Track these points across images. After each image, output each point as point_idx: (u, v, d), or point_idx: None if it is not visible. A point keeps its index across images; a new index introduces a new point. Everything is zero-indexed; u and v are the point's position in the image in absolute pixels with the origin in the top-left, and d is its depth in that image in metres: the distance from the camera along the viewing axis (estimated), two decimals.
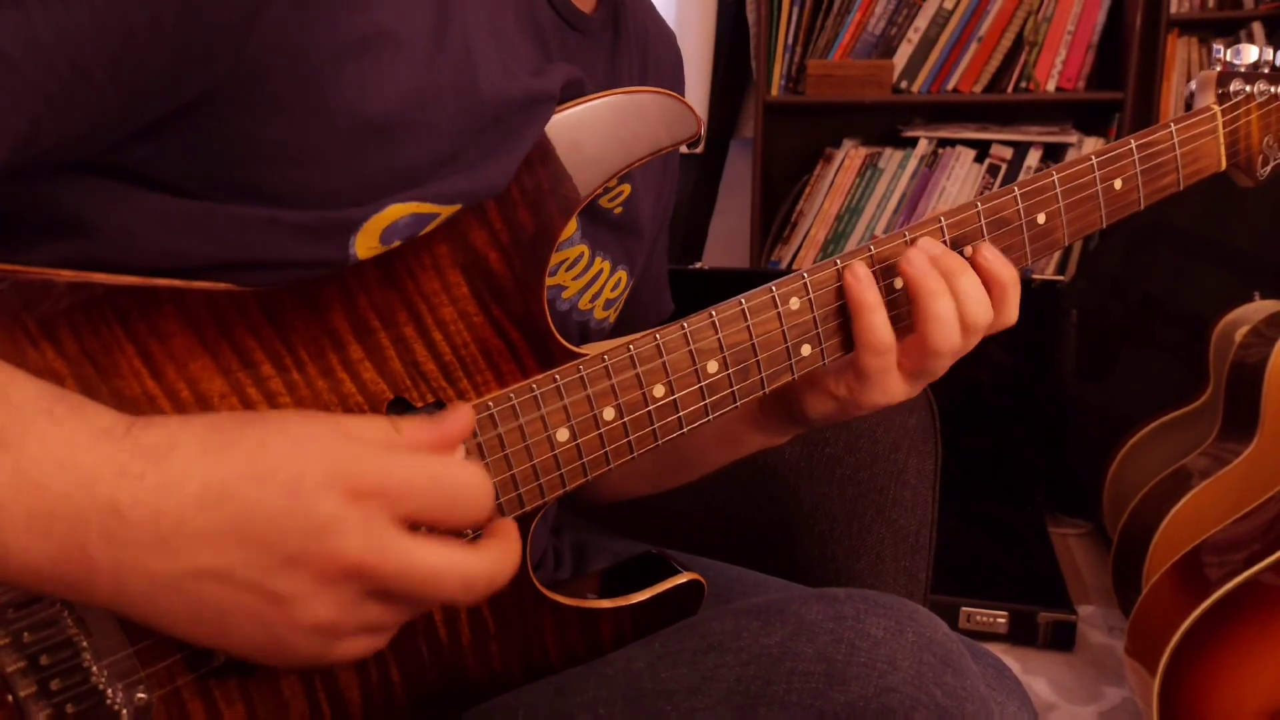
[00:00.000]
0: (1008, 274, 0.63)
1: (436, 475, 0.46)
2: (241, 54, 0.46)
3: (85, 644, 0.49)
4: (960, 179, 2.30)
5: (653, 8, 0.78)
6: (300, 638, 0.45)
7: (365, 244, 0.51)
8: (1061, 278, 2.01)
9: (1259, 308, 1.71)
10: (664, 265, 0.84)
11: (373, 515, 0.44)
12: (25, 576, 0.42)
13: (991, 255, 0.63)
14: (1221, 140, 0.72)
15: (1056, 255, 2.25)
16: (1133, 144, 0.68)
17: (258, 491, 0.43)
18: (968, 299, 0.61)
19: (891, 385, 0.63)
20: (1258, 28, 2.07)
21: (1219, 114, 0.72)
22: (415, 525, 0.45)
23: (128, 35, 0.44)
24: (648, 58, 0.75)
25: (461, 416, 0.49)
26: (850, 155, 2.35)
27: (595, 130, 0.55)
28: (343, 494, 0.43)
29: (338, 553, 0.43)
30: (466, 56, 0.52)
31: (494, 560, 0.48)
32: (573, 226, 0.64)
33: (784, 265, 2.40)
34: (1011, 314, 0.64)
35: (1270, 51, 0.73)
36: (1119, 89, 2.14)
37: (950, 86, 2.26)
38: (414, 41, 0.50)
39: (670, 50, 0.80)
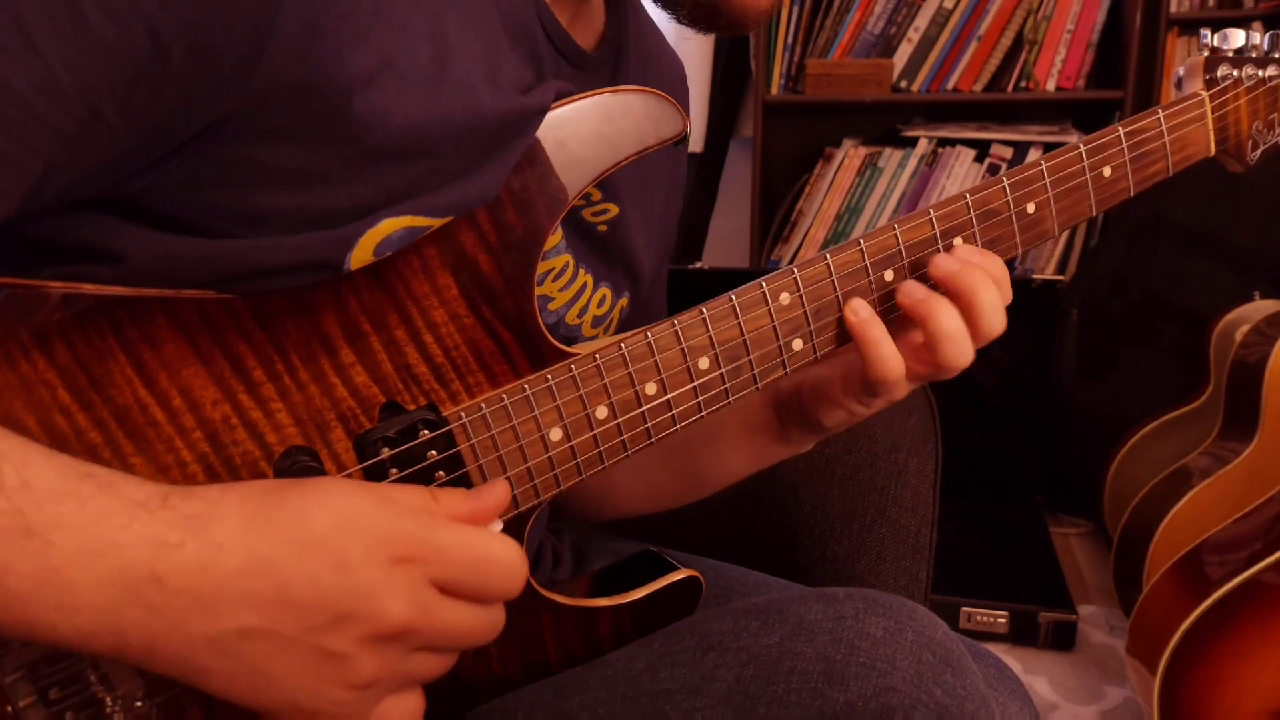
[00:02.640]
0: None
1: (476, 548, 0.48)
2: (250, 86, 0.46)
3: None
4: (960, 178, 2.29)
5: (659, 35, 0.78)
6: (343, 694, 0.45)
7: (359, 258, 0.51)
8: (1061, 277, 2.01)
9: (1259, 307, 1.71)
10: (662, 300, 0.84)
11: (415, 578, 0.46)
12: (54, 645, 0.42)
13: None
14: (1210, 126, 0.72)
15: (1056, 254, 2.25)
16: (1120, 131, 0.67)
17: (302, 563, 0.44)
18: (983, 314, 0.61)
19: (900, 393, 0.63)
20: (1257, 27, 2.07)
21: (1207, 100, 0.71)
22: (449, 592, 0.47)
23: (137, 72, 0.44)
24: None
25: (499, 491, 0.52)
26: (850, 155, 2.35)
27: (581, 129, 0.55)
28: (386, 560, 0.45)
29: (385, 614, 0.45)
30: (468, 85, 0.52)
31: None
32: (558, 236, 0.64)
33: (784, 265, 2.39)
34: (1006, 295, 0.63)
35: (1257, 36, 0.73)
36: (1119, 88, 2.14)
37: (950, 86, 2.26)
38: (415, 73, 0.50)
39: (674, 79, 0.80)
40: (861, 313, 0.60)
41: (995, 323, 0.61)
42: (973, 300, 0.60)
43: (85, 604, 0.41)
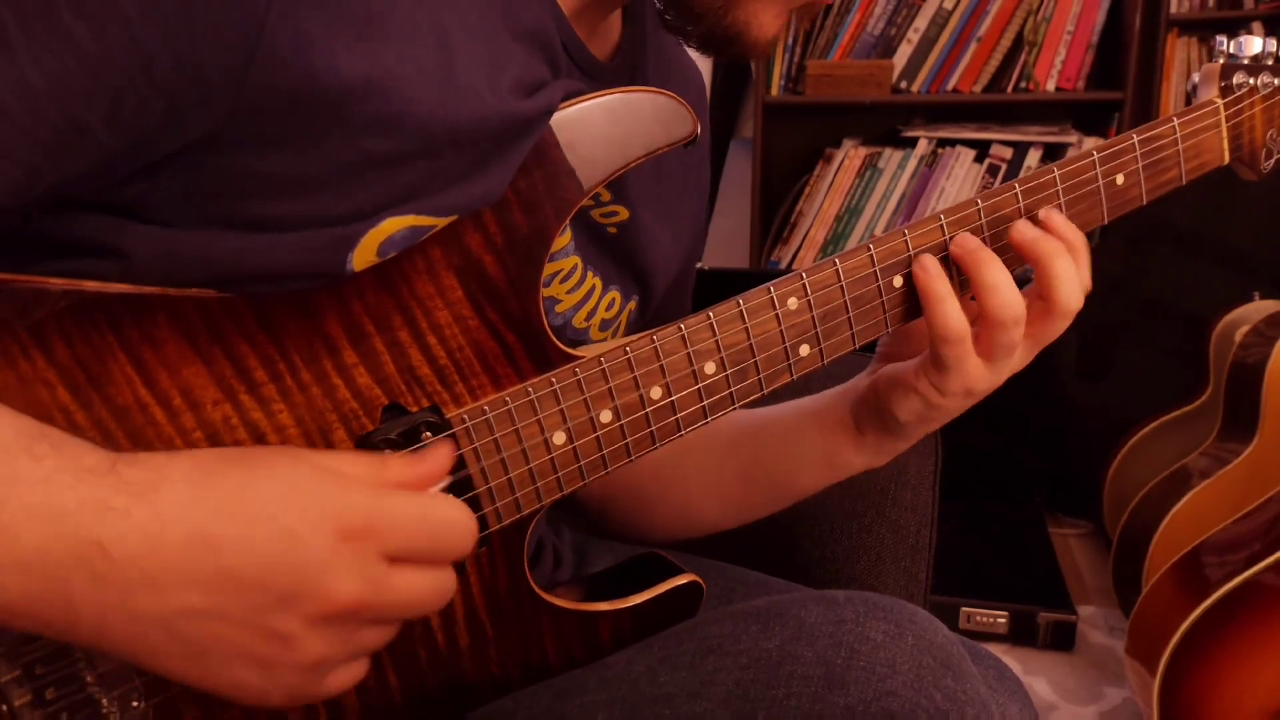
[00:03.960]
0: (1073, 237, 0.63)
1: (424, 512, 0.47)
2: (240, 96, 0.46)
3: (80, 652, 0.48)
4: (960, 179, 2.29)
5: (677, 46, 0.77)
6: (293, 675, 0.45)
7: (362, 258, 0.51)
8: None
9: (1259, 308, 1.71)
10: (688, 301, 0.82)
11: (364, 553, 0.45)
12: (9, 617, 0.41)
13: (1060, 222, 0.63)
14: (1224, 134, 0.71)
15: None
16: (1135, 139, 0.66)
17: (248, 537, 0.43)
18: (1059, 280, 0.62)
19: (971, 371, 0.62)
20: (1257, 28, 2.07)
21: (1222, 107, 0.70)
22: (401, 560, 0.46)
23: (123, 82, 0.44)
24: None
25: (442, 452, 0.51)
26: (850, 155, 2.35)
27: (590, 130, 0.54)
28: (334, 535, 0.44)
29: (334, 593, 0.44)
30: (471, 87, 0.52)
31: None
32: (567, 237, 0.64)
33: (784, 265, 2.39)
34: (1086, 278, 0.64)
35: (1274, 43, 0.72)
36: (1119, 89, 2.14)
37: (950, 86, 2.26)
38: (417, 76, 0.50)
39: (691, 89, 0.79)
40: (931, 269, 0.60)
41: (1070, 294, 0.62)
42: (1048, 267, 0.61)
43: (34, 564, 0.40)
